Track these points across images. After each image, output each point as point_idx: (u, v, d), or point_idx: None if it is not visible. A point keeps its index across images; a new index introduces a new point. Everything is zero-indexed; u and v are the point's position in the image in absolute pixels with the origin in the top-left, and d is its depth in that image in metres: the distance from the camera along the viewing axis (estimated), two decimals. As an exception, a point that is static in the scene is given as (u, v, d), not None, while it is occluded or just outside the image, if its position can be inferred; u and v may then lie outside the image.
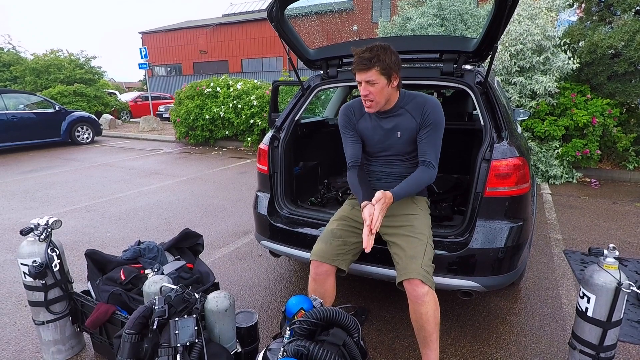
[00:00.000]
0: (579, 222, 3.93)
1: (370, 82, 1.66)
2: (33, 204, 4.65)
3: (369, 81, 1.66)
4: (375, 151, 1.91)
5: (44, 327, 1.87)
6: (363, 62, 1.63)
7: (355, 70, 1.68)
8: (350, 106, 1.94)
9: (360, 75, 1.67)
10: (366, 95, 1.71)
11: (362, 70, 1.65)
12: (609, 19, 5.81)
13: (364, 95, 1.71)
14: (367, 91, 1.69)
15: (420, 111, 1.79)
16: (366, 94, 1.70)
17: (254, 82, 8.92)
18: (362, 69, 1.65)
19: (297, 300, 1.55)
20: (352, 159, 1.92)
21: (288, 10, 2.17)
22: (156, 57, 30.65)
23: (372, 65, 1.63)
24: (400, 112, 1.81)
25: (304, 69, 2.58)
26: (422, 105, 1.79)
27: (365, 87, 1.69)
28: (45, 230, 1.78)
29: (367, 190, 1.83)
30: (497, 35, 1.83)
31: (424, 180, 1.78)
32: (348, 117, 1.93)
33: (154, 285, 1.63)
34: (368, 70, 1.64)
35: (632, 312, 2.33)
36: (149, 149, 9.18)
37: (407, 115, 1.81)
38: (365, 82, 1.67)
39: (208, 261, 2.94)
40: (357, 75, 1.69)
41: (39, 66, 15.32)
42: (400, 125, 1.81)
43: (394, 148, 1.86)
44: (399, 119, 1.81)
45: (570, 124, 5.40)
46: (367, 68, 1.64)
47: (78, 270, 2.85)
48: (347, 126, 1.94)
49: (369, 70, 1.64)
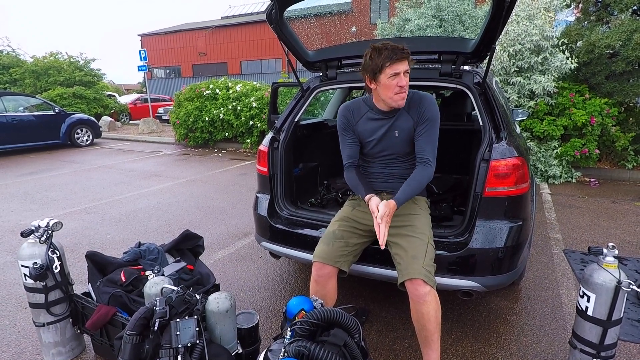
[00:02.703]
0: (579, 222, 3.94)
1: (407, 72, 1.67)
2: (33, 206, 4.65)
3: (407, 71, 1.67)
4: (374, 152, 1.91)
5: (45, 329, 1.87)
6: (402, 51, 1.63)
7: (396, 60, 1.63)
8: (349, 107, 1.94)
9: (400, 65, 1.65)
10: (403, 87, 1.69)
11: (404, 59, 1.64)
12: (606, 18, 5.83)
13: (402, 85, 1.68)
14: (406, 82, 1.68)
15: (417, 109, 1.79)
16: (404, 84, 1.68)
17: (253, 84, 8.93)
18: (404, 58, 1.64)
19: (297, 301, 1.55)
20: (349, 159, 1.93)
21: (287, 13, 2.18)
22: (155, 60, 30.68)
23: (408, 55, 1.66)
24: (400, 112, 1.82)
25: (303, 71, 2.58)
26: (419, 103, 1.79)
27: (403, 78, 1.67)
28: (46, 232, 1.78)
29: (367, 184, 1.87)
30: (495, 36, 1.84)
31: (424, 180, 1.78)
32: (347, 119, 1.92)
33: (155, 287, 1.63)
34: (407, 59, 1.65)
35: (633, 311, 2.33)
36: (149, 151, 9.18)
37: (405, 115, 1.81)
38: (405, 72, 1.66)
39: (208, 263, 2.94)
40: (397, 66, 1.64)
41: (39, 68, 15.35)
42: (399, 125, 1.82)
43: (393, 148, 1.86)
44: (399, 120, 1.82)
45: (569, 123, 5.41)
46: (407, 57, 1.65)
47: (78, 272, 2.85)
48: (345, 128, 1.94)
49: (407, 59, 1.65)
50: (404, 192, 1.75)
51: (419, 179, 1.77)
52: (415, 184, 1.77)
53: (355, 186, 1.89)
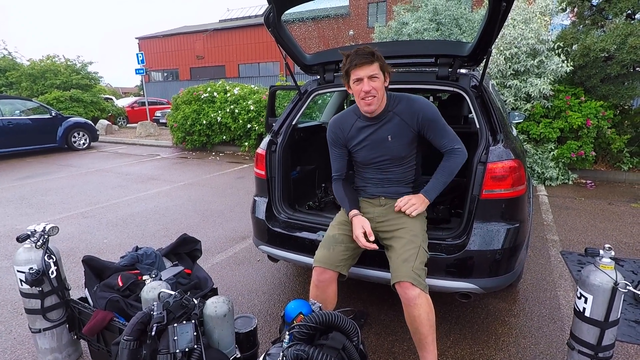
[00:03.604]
0: (575, 223, 3.95)
1: (373, 76, 1.65)
2: (29, 211, 4.62)
3: (372, 76, 1.65)
4: (369, 158, 1.89)
5: (41, 335, 1.85)
6: (366, 56, 1.63)
7: (356, 65, 1.64)
8: (338, 122, 1.93)
9: (363, 71, 1.64)
10: (369, 92, 1.67)
11: (366, 64, 1.63)
12: (601, 22, 5.89)
13: (366, 91, 1.67)
14: (370, 87, 1.66)
15: (411, 116, 1.78)
16: (369, 89, 1.66)
17: (251, 87, 8.94)
18: (366, 63, 1.63)
19: (296, 304, 1.55)
20: (337, 172, 1.97)
21: (285, 16, 2.18)
22: (153, 63, 30.67)
23: (375, 59, 1.64)
24: (389, 117, 1.80)
25: (301, 74, 2.59)
26: (411, 108, 1.78)
27: (368, 83, 1.66)
28: (42, 237, 1.77)
29: (353, 199, 1.90)
30: (492, 39, 1.85)
31: (455, 165, 1.79)
32: (335, 134, 1.93)
33: (152, 291, 1.62)
34: (372, 63, 1.64)
35: (630, 311, 2.34)
36: (146, 154, 9.16)
37: (397, 119, 1.80)
38: (369, 77, 1.65)
39: (206, 267, 2.93)
40: (358, 72, 1.65)
41: (35, 72, 15.29)
42: (391, 130, 1.80)
43: (387, 153, 1.84)
44: (390, 124, 1.80)
45: (565, 126, 5.45)
46: (371, 61, 1.64)
47: (75, 277, 2.84)
48: (333, 143, 1.95)
49: (372, 63, 1.64)
50: (434, 185, 1.81)
51: (448, 166, 1.79)
52: (446, 172, 1.80)
53: (341, 199, 1.93)
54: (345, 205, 1.89)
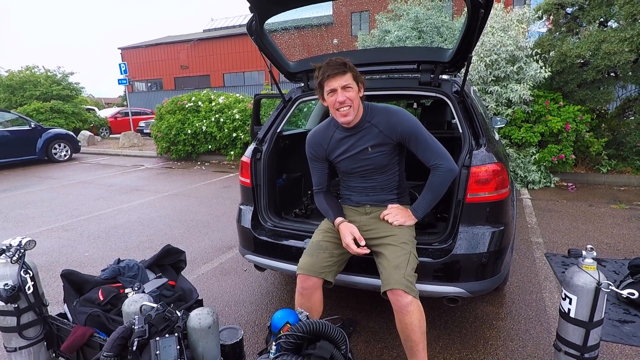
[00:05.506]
0: (558, 225, 4.03)
1: (347, 86, 1.65)
2: (6, 225, 4.46)
3: (346, 86, 1.65)
4: (351, 168, 1.89)
5: (17, 354, 1.77)
6: (338, 66, 1.63)
7: (329, 76, 1.64)
8: (315, 137, 1.93)
9: (336, 81, 1.64)
10: (343, 102, 1.67)
11: (339, 74, 1.63)
12: (575, 30, 6.10)
13: (341, 101, 1.66)
14: (345, 97, 1.66)
15: (390, 128, 1.76)
16: (344, 99, 1.66)
17: (236, 96, 8.91)
18: (339, 74, 1.63)
19: (282, 314, 1.52)
20: (318, 186, 1.98)
21: (268, 25, 2.19)
22: (136, 73, 30.36)
23: (348, 70, 1.65)
24: (366, 127, 1.80)
25: (286, 82, 2.59)
26: (389, 121, 1.76)
27: (342, 94, 1.65)
28: (18, 252, 1.70)
29: (336, 208, 1.90)
30: (472, 45, 1.89)
31: (439, 181, 1.75)
32: (313, 149, 1.93)
33: (134, 305, 1.57)
34: (344, 74, 1.64)
35: (613, 311, 2.38)
36: (130, 165, 9.00)
37: (375, 130, 1.79)
38: (342, 87, 1.65)
39: (192, 278, 2.87)
40: (331, 83, 1.65)
41: (14, 83, 14.92)
42: (371, 141, 1.80)
43: (370, 163, 1.84)
44: (369, 135, 1.80)
45: (545, 130, 5.59)
46: (344, 72, 1.64)
47: (54, 293, 2.74)
48: (312, 158, 1.96)
49: (345, 74, 1.64)
50: (421, 203, 1.80)
51: (433, 182, 1.76)
52: (432, 189, 1.77)
53: (325, 210, 1.93)
54: (330, 215, 1.89)
